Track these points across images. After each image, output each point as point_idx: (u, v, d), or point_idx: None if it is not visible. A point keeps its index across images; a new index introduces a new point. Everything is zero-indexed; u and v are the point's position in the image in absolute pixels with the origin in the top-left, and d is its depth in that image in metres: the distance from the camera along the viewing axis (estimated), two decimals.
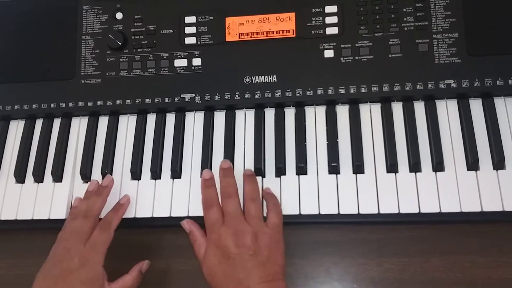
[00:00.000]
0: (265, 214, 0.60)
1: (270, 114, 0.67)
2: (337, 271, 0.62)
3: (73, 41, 0.71)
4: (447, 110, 0.64)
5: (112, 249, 0.65)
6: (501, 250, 0.60)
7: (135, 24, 0.70)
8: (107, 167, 0.66)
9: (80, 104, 0.69)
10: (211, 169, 0.65)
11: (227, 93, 0.66)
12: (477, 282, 0.60)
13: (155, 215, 0.63)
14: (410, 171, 0.61)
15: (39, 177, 0.68)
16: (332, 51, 0.65)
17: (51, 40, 0.71)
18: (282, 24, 0.67)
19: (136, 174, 0.66)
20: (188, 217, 0.62)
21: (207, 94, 0.67)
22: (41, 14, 0.72)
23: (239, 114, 0.68)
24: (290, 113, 0.66)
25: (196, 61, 0.68)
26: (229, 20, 0.68)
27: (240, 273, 0.53)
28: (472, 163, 0.60)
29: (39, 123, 0.71)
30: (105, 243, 0.58)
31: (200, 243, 0.58)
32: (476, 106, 0.63)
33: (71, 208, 0.64)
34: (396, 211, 0.59)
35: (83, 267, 0.55)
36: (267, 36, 0.67)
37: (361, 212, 0.60)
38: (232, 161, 0.65)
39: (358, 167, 0.61)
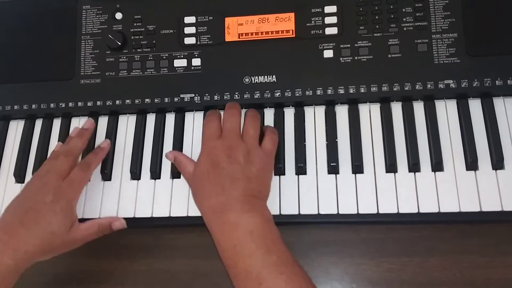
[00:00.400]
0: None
1: (269, 114, 0.67)
2: (336, 271, 0.62)
3: (72, 41, 0.71)
4: (446, 110, 0.64)
5: (111, 248, 0.65)
6: (500, 250, 0.60)
7: (135, 24, 0.70)
8: (107, 167, 0.66)
9: (79, 104, 0.69)
10: None
11: (227, 93, 0.66)
12: (477, 282, 0.60)
13: (154, 215, 0.63)
14: (409, 171, 0.61)
15: None
16: (331, 51, 0.65)
17: (51, 40, 0.71)
18: (282, 24, 0.67)
19: (135, 174, 0.66)
20: (187, 217, 0.62)
21: (207, 94, 0.67)
22: (41, 14, 0.72)
23: None
24: (289, 113, 0.67)
25: (196, 61, 0.68)
26: (228, 20, 0.68)
27: (225, 181, 0.55)
28: (471, 163, 0.60)
29: (38, 123, 0.71)
30: (83, 181, 0.61)
31: (185, 162, 0.61)
32: (475, 106, 0.63)
33: (52, 150, 0.65)
34: (395, 211, 0.59)
35: (58, 200, 0.57)
36: (266, 36, 0.67)
37: (360, 212, 0.60)
38: None
39: (357, 167, 0.61)
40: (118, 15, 0.71)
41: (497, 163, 0.60)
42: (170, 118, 0.69)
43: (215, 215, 0.54)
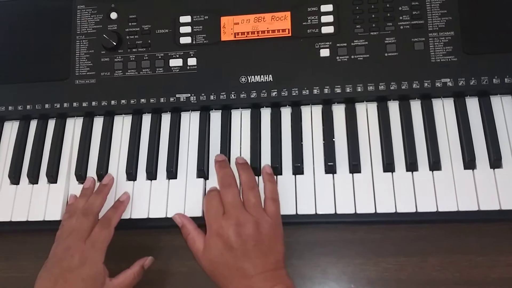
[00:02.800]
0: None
1: (266, 114, 0.67)
2: (334, 271, 0.62)
3: (67, 41, 0.70)
4: (444, 109, 0.63)
5: (108, 251, 0.65)
6: (498, 249, 0.60)
7: (130, 24, 0.70)
8: (102, 168, 0.66)
9: (74, 104, 0.68)
10: (207, 169, 0.65)
11: (223, 93, 0.66)
12: (475, 281, 0.59)
13: (151, 216, 0.63)
14: (407, 170, 0.61)
15: (33, 179, 0.67)
16: (328, 50, 0.65)
17: (45, 40, 0.71)
18: (278, 23, 0.67)
19: (131, 174, 0.65)
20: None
21: (203, 94, 0.66)
22: (35, 14, 0.72)
23: (235, 114, 0.67)
24: (286, 113, 0.66)
25: (191, 61, 0.67)
26: (224, 20, 0.68)
27: (243, 263, 0.54)
28: (469, 162, 0.60)
29: (33, 124, 0.71)
30: (106, 240, 0.58)
31: (193, 236, 0.58)
32: (472, 105, 0.63)
33: (67, 205, 0.64)
34: (393, 211, 0.59)
35: (83, 265, 0.55)
36: (262, 35, 0.67)
37: (358, 211, 0.60)
38: (229, 161, 0.64)
39: (354, 167, 0.61)
40: (113, 15, 0.70)
41: (495, 161, 0.59)
42: (166, 118, 0.68)
43: None
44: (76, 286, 0.54)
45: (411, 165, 0.60)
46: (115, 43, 0.68)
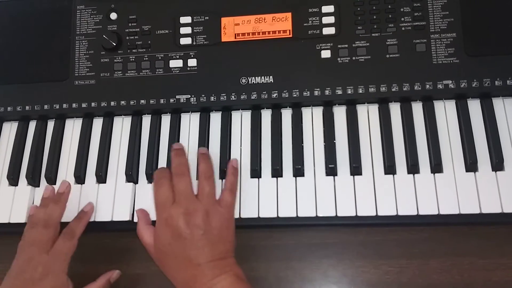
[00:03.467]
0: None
1: (266, 115, 0.66)
2: (335, 274, 0.62)
3: (66, 41, 0.70)
4: (445, 111, 0.63)
5: (108, 252, 0.64)
6: (500, 252, 0.60)
7: (130, 24, 0.69)
8: (102, 170, 0.65)
9: (74, 105, 0.68)
10: None
11: (223, 94, 0.66)
12: (476, 284, 0.59)
13: (153, 219, 0.62)
14: (408, 173, 0.60)
15: (32, 180, 0.67)
16: (329, 51, 0.64)
17: (45, 41, 0.70)
18: (279, 24, 0.66)
19: (131, 176, 0.65)
20: None
21: (203, 95, 0.66)
22: (34, 14, 0.71)
23: (235, 115, 0.67)
24: (287, 114, 0.66)
25: (192, 62, 0.67)
26: (224, 20, 0.67)
27: (190, 252, 0.53)
28: (471, 165, 0.59)
29: (32, 125, 0.70)
30: (69, 251, 0.58)
31: (142, 230, 0.58)
32: (474, 107, 0.63)
33: (29, 216, 0.63)
34: (394, 213, 0.59)
35: (46, 276, 0.55)
36: (263, 36, 0.66)
37: (359, 214, 0.59)
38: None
39: (355, 169, 0.61)
40: (113, 15, 0.70)
41: (497, 164, 0.59)
42: (165, 120, 0.68)
43: (188, 287, 0.53)
44: None
45: (413, 168, 0.60)
46: (114, 44, 0.68)
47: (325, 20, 0.65)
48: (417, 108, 0.63)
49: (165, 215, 0.56)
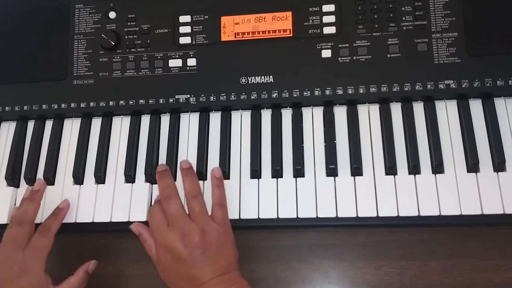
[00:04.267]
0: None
1: (266, 115, 0.66)
2: (335, 275, 0.61)
3: (65, 41, 0.69)
4: (447, 111, 0.63)
5: (106, 254, 0.64)
6: (501, 253, 0.60)
7: (129, 23, 0.69)
8: (101, 170, 0.65)
9: (72, 105, 0.67)
10: (206, 171, 0.64)
11: (223, 94, 0.65)
12: (477, 286, 0.59)
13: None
14: (409, 174, 0.60)
15: (31, 180, 0.66)
16: (329, 51, 0.64)
17: (43, 40, 0.70)
18: (279, 23, 0.66)
19: (130, 177, 0.64)
20: None
21: (202, 95, 0.65)
22: (32, 13, 0.71)
23: (235, 115, 0.66)
24: (287, 114, 0.65)
25: (191, 61, 0.67)
26: (224, 19, 0.67)
27: (193, 272, 0.54)
28: (472, 165, 0.59)
29: (31, 125, 0.70)
30: (45, 248, 0.57)
31: (149, 243, 0.58)
32: (476, 107, 0.62)
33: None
34: (395, 214, 0.58)
35: (23, 274, 0.55)
36: (263, 35, 0.66)
37: (359, 215, 0.59)
38: (228, 163, 0.64)
39: (356, 170, 0.60)
40: (112, 14, 0.69)
41: (499, 165, 0.59)
42: (165, 120, 0.67)
43: None
44: None
45: (414, 168, 0.60)
46: (113, 43, 0.67)
47: (326, 19, 0.65)
48: (418, 108, 0.63)
49: (161, 239, 0.56)
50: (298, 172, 0.61)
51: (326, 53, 0.64)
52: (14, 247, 0.57)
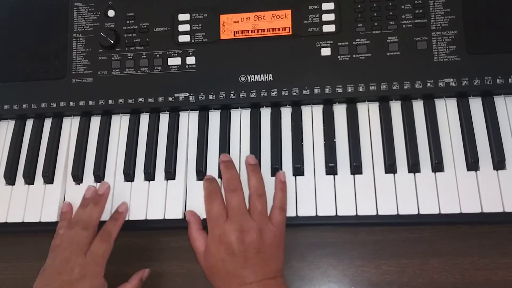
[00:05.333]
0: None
1: (266, 114, 0.66)
2: (335, 274, 0.61)
3: (64, 39, 0.69)
4: (447, 109, 0.63)
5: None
6: (501, 252, 0.60)
7: (128, 22, 0.68)
8: (100, 169, 0.65)
9: (71, 103, 0.67)
10: (205, 170, 0.64)
11: (222, 92, 0.65)
12: (477, 284, 0.59)
13: (148, 218, 0.62)
14: (409, 172, 0.60)
15: (29, 179, 0.66)
16: (329, 49, 0.64)
17: (41, 38, 0.70)
18: (278, 21, 0.66)
19: (129, 175, 0.64)
20: (182, 219, 0.61)
21: (202, 94, 0.65)
22: (31, 11, 0.71)
23: (235, 114, 0.66)
24: (286, 113, 0.65)
25: (190, 60, 0.66)
26: (223, 18, 0.67)
27: (243, 271, 0.53)
28: (472, 163, 0.59)
29: (29, 124, 0.69)
30: (106, 254, 0.57)
31: (195, 236, 0.57)
32: (476, 105, 0.62)
33: (62, 213, 0.62)
34: (395, 213, 0.58)
35: (83, 279, 0.54)
36: (262, 34, 0.66)
37: (359, 213, 0.59)
38: None
39: (356, 168, 0.60)
40: (111, 13, 0.69)
41: (499, 163, 0.59)
42: (164, 118, 0.67)
43: None
44: None
45: (413, 167, 0.60)
46: (112, 41, 0.67)
47: (325, 17, 0.65)
48: (418, 107, 0.63)
49: (218, 232, 0.55)
50: (298, 170, 0.61)
51: (326, 51, 0.64)
52: (76, 250, 0.56)
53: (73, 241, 0.57)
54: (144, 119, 0.67)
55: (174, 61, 0.67)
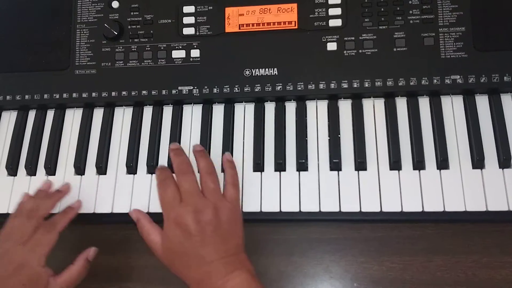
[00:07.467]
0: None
1: (270, 108, 0.65)
2: (337, 270, 0.61)
3: (67, 30, 0.68)
4: (453, 106, 0.62)
5: (108, 245, 0.64)
6: (504, 251, 0.59)
7: (132, 13, 0.68)
8: (102, 161, 0.64)
9: (74, 95, 0.67)
10: None
11: (226, 86, 0.64)
12: (480, 282, 0.59)
13: (151, 211, 0.62)
14: (414, 169, 0.60)
15: (31, 170, 0.66)
16: (335, 43, 0.63)
17: (45, 29, 0.69)
18: (284, 15, 0.65)
19: (131, 168, 0.64)
20: None
21: (206, 87, 0.65)
22: (34, 2, 0.70)
23: (238, 108, 0.66)
24: (291, 108, 0.65)
25: (195, 53, 0.66)
26: (229, 11, 0.66)
27: (203, 249, 0.53)
28: (478, 161, 0.58)
29: (32, 114, 0.69)
30: (48, 244, 0.56)
31: (148, 229, 0.57)
32: (482, 103, 0.62)
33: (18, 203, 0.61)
34: (399, 210, 0.58)
35: (22, 269, 0.54)
36: (268, 27, 0.65)
37: (363, 210, 0.58)
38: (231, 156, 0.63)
39: (360, 164, 0.60)
40: (115, 4, 0.68)
41: (505, 161, 0.58)
42: (167, 111, 0.67)
43: (202, 285, 0.53)
44: None
45: (418, 164, 0.59)
46: (116, 33, 0.67)
47: (332, 11, 0.64)
48: (424, 103, 0.63)
49: (173, 215, 0.55)
50: (302, 165, 0.61)
51: (332, 46, 0.63)
52: (16, 239, 0.55)
53: (15, 231, 0.56)
54: (147, 112, 0.67)
55: (178, 53, 0.66)
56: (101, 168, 0.64)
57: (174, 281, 0.56)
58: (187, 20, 0.67)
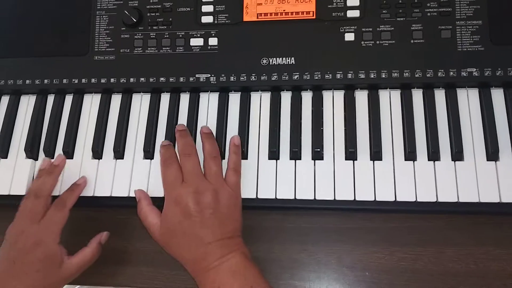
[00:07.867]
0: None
1: (286, 97, 0.66)
2: (349, 259, 0.62)
3: (87, 16, 0.69)
4: (468, 99, 0.62)
5: (116, 227, 0.65)
6: None
7: (151, 0, 0.68)
8: (120, 146, 0.65)
9: (93, 80, 0.68)
10: (224, 151, 0.64)
11: (243, 75, 0.65)
12: (491, 274, 0.59)
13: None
14: (429, 160, 0.60)
15: (50, 153, 0.67)
16: (352, 34, 0.64)
17: (65, 15, 0.70)
18: (302, 5, 0.66)
19: (148, 153, 0.64)
20: None
21: (223, 75, 0.65)
22: None
23: (255, 96, 0.66)
24: (307, 97, 0.65)
25: (213, 41, 0.66)
26: (247, 0, 0.67)
27: (200, 231, 0.54)
28: (492, 154, 0.59)
29: (50, 99, 0.70)
30: (60, 222, 0.58)
31: (146, 211, 0.59)
32: (498, 96, 0.62)
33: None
34: (413, 200, 0.58)
35: (38, 246, 0.56)
36: (286, 17, 0.66)
37: (377, 199, 0.59)
38: (246, 144, 0.64)
39: (376, 154, 0.60)
40: None
41: None
42: (184, 98, 0.67)
43: (197, 265, 0.55)
44: (34, 266, 0.55)
45: (433, 155, 0.60)
46: (135, 20, 0.67)
47: (350, 2, 0.65)
48: (440, 95, 0.63)
49: (174, 195, 0.56)
50: (317, 154, 0.62)
51: (349, 37, 0.64)
52: (30, 219, 0.57)
53: (27, 210, 0.58)
54: (165, 98, 0.68)
55: (197, 41, 0.67)
56: (119, 152, 0.65)
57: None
58: (205, 8, 0.67)
